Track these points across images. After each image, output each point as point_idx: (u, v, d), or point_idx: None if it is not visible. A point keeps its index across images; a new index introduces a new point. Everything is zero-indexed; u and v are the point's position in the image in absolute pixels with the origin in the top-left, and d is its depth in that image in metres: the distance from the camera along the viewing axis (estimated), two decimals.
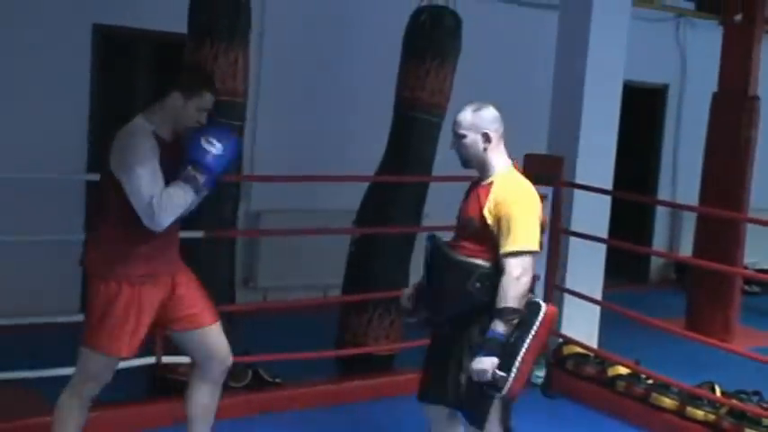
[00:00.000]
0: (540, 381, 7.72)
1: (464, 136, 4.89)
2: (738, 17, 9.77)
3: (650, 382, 7.26)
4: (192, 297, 5.01)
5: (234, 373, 6.77)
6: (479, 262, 4.68)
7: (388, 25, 7.96)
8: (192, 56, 6.46)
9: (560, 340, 7.92)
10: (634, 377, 7.31)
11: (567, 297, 7.89)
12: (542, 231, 4.76)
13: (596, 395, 7.41)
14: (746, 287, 11.37)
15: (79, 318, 7.54)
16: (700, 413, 6.85)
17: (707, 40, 11.36)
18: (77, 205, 8.41)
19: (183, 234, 6.33)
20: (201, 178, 4.57)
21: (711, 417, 6.80)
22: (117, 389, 6.51)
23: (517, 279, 4.52)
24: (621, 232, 8.41)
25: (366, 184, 7.60)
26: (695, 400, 6.95)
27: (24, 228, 7.05)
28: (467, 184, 9.05)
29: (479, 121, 4.94)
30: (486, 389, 4.56)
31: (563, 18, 8.28)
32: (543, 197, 7.65)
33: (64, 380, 6.09)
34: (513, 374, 4.45)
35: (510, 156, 5.08)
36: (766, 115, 10.23)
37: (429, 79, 7.37)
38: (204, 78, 4.88)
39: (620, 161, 8.36)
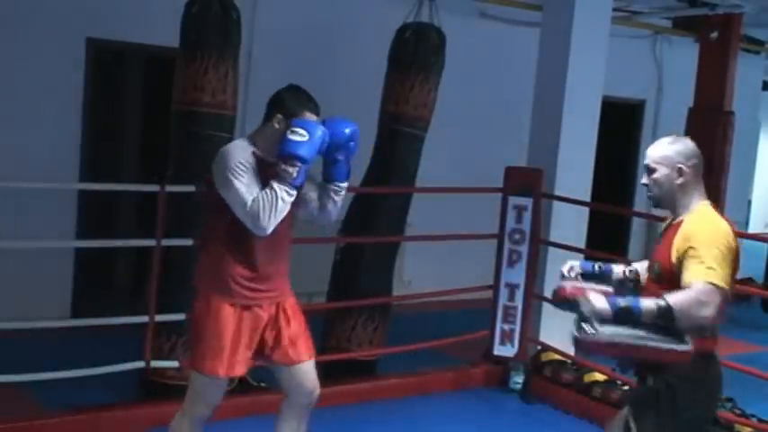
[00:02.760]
0: (518, 387, 7.75)
1: (654, 170, 4.32)
2: (714, 35, 9.84)
3: (626, 388, 7.27)
4: (294, 330, 4.88)
5: None
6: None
7: (374, 41, 8.00)
8: (183, 69, 6.47)
9: (539, 347, 7.95)
10: (610, 383, 7.32)
11: (545, 305, 7.91)
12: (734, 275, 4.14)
13: (573, 401, 7.43)
14: None
15: (69, 322, 7.57)
16: None
17: (683, 56, 11.44)
18: (70, 213, 8.42)
19: (173, 242, 6.37)
20: (293, 170, 4.44)
21: None
22: (106, 392, 6.56)
23: (699, 302, 3.88)
24: (599, 242, 8.44)
25: (351, 195, 7.62)
26: None
27: (17, 235, 7.04)
28: (449, 196, 9.13)
29: (673, 153, 4.33)
30: (567, 307, 4.12)
31: (544, 35, 8.32)
32: (523, 208, 7.79)
33: (56, 383, 6.12)
34: (598, 336, 3.89)
35: None
36: (739, 130, 10.27)
37: (413, 93, 7.40)
38: (305, 100, 4.74)
39: (597, 174, 8.40)
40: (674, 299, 3.88)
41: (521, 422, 7.21)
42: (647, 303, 3.90)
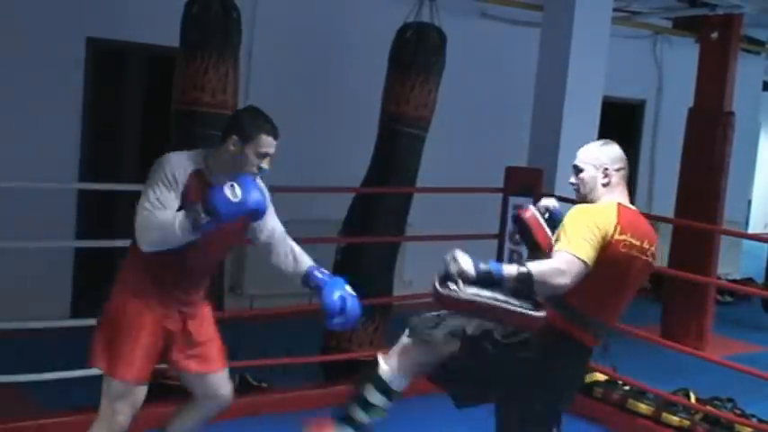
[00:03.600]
0: None
1: (582, 170, 4.54)
2: (714, 35, 9.81)
3: (627, 388, 7.27)
4: (204, 336, 4.82)
5: None
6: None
7: (375, 41, 7.99)
8: (183, 69, 6.46)
9: None
10: (611, 384, 7.31)
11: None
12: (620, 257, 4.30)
13: (574, 401, 7.40)
14: (720, 297, 11.40)
15: (69, 322, 7.55)
16: (675, 419, 6.87)
17: (683, 57, 11.42)
18: (69, 213, 8.41)
19: None
20: (204, 219, 4.21)
21: (686, 423, 6.83)
22: None
23: (558, 270, 4.07)
24: None
25: (352, 195, 7.61)
26: (671, 407, 6.97)
27: (17, 235, 7.02)
28: (450, 196, 9.11)
29: (601, 156, 4.52)
30: (436, 279, 4.18)
31: (544, 35, 8.31)
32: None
33: (55, 383, 6.10)
34: (459, 293, 4.08)
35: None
36: (740, 130, 10.25)
37: (414, 94, 7.39)
38: (263, 122, 4.51)
39: None
40: (534, 266, 4.08)
41: None
42: (509, 268, 4.10)
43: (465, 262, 4.10)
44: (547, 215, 4.69)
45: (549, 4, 8.34)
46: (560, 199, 7.67)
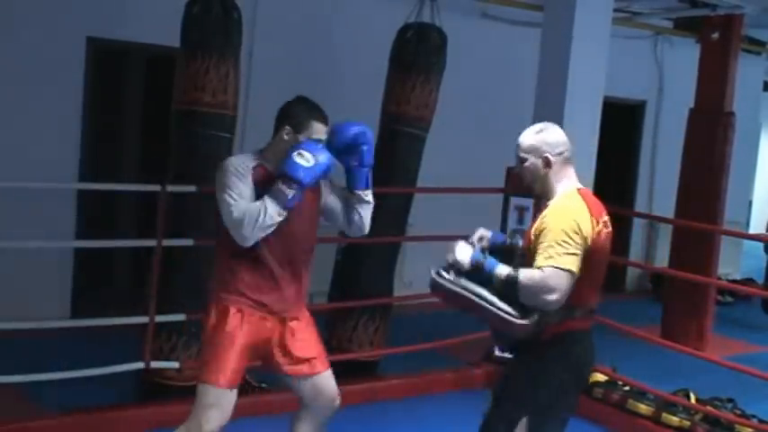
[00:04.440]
0: None
1: (524, 160, 4.43)
2: (715, 35, 9.80)
3: (627, 388, 7.27)
4: (307, 341, 4.83)
5: None
6: None
7: (376, 41, 7.98)
8: (183, 69, 6.45)
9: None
10: (611, 384, 7.31)
11: None
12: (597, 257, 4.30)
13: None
14: (720, 297, 11.39)
15: (69, 323, 7.54)
16: (675, 419, 6.87)
17: (684, 57, 11.40)
18: (69, 213, 8.40)
19: (173, 242, 6.35)
20: (289, 192, 4.39)
21: (686, 423, 6.82)
22: (106, 392, 6.53)
23: (547, 287, 4.03)
24: None
25: None
26: (670, 407, 6.96)
27: (17, 235, 7.01)
28: (451, 196, 9.10)
29: (540, 143, 4.43)
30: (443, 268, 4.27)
31: (545, 35, 8.29)
32: (525, 208, 7.77)
33: (55, 383, 6.09)
34: (450, 283, 4.19)
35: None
36: (740, 131, 10.24)
37: (414, 94, 7.40)
38: (313, 109, 4.68)
39: (598, 174, 8.35)
40: (524, 275, 4.06)
41: None
42: (501, 269, 4.12)
43: (462, 252, 4.18)
44: (484, 243, 4.52)
45: (550, 4, 8.32)
46: None
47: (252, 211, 4.36)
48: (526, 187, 4.51)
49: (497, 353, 7.91)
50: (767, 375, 6.65)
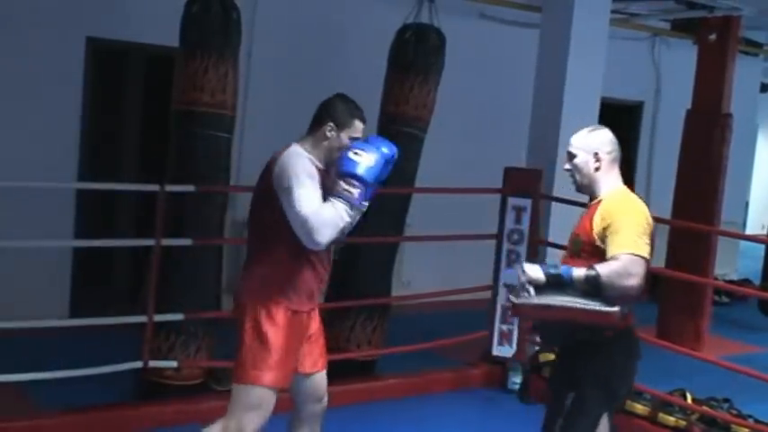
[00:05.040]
0: (517, 387, 7.72)
1: (575, 155, 4.61)
2: (712, 37, 9.79)
3: None
4: (318, 339, 4.83)
5: (218, 377, 6.77)
6: None
7: (374, 42, 7.97)
8: (182, 69, 6.44)
9: (537, 348, 7.91)
10: None
11: None
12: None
13: None
14: (717, 298, 11.39)
15: (69, 322, 7.53)
16: (671, 419, 6.86)
17: (681, 58, 11.40)
18: (68, 213, 8.39)
19: (173, 242, 6.34)
20: (355, 191, 4.40)
21: (682, 423, 6.81)
22: (104, 391, 6.52)
23: (626, 272, 4.15)
24: None
25: None
26: (667, 407, 6.96)
27: (16, 234, 7.00)
28: (448, 196, 9.09)
29: (591, 141, 4.60)
30: (507, 287, 4.43)
31: (543, 36, 8.30)
32: (522, 209, 7.76)
33: (54, 382, 6.07)
34: (532, 300, 4.25)
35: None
36: (737, 132, 10.23)
37: (413, 94, 7.38)
38: (354, 108, 4.72)
39: None
40: (602, 268, 4.19)
41: (519, 422, 7.17)
42: (578, 271, 4.22)
43: (533, 270, 4.28)
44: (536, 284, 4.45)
45: (548, 5, 8.33)
46: (558, 200, 7.71)
47: (329, 216, 4.33)
48: (578, 186, 4.67)
49: (495, 352, 7.92)
50: (763, 376, 6.64)
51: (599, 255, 4.31)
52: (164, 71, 7.54)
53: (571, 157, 4.62)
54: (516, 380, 7.76)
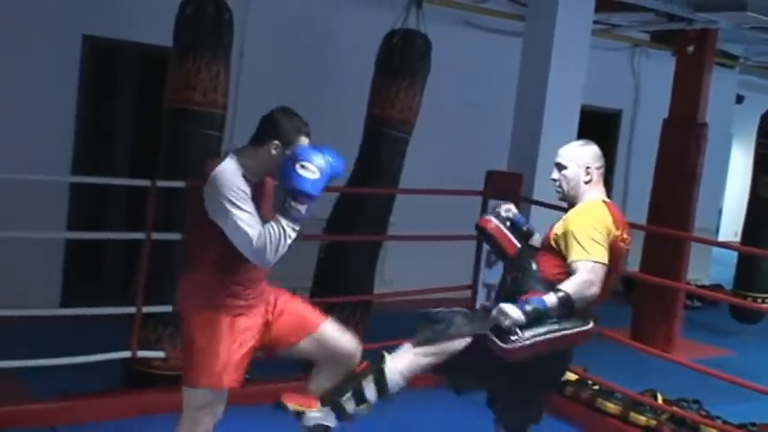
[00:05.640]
0: None
1: (565, 167, 4.69)
2: (690, 48, 9.85)
3: (596, 387, 7.31)
4: (292, 310, 4.78)
5: None
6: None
7: (362, 46, 8.00)
8: (176, 68, 6.46)
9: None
10: (581, 383, 7.35)
11: None
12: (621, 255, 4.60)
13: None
14: (689, 302, 11.44)
15: (60, 311, 7.53)
16: (642, 419, 6.91)
17: (660, 69, 11.45)
18: (61, 206, 8.39)
19: (163, 235, 6.36)
20: (302, 208, 4.28)
21: (653, 422, 6.86)
22: (93, 380, 6.54)
23: (588, 281, 4.34)
24: None
25: (336, 194, 7.62)
26: (638, 406, 7.01)
27: (10, 225, 7.01)
28: (431, 197, 9.11)
29: (583, 155, 4.69)
30: (491, 335, 4.38)
31: (526, 45, 8.34)
32: None
33: (44, 370, 6.09)
34: (523, 341, 4.30)
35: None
36: (712, 141, 10.31)
37: (399, 98, 7.42)
38: (301, 124, 4.50)
39: None
40: (567, 286, 4.32)
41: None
42: (550, 299, 4.32)
43: (513, 311, 4.32)
44: (508, 223, 4.97)
45: (532, 15, 8.37)
46: (538, 203, 7.76)
47: (272, 235, 4.23)
48: (563, 196, 4.74)
49: None
50: (732, 378, 6.69)
51: (554, 253, 4.54)
52: (157, 70, 7.56)
53: (561, 168, 4.66)
54: None
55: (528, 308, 4.31)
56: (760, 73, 14.05)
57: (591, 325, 4.39)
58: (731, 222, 17.81)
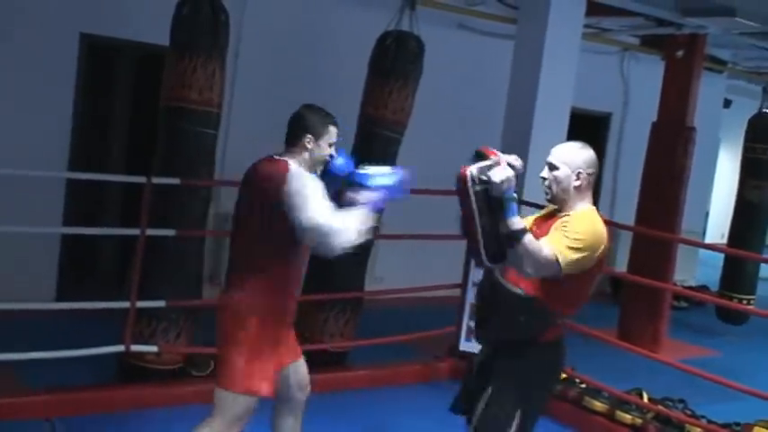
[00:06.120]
0: None
1: (557, 167, 4.46)
2: (680, 53, 9.86)
3: (583, 386, 7.32)
4: (292, 332, 4.87)
5: (197, 363, 6.79)
6: (522, 293, 4.28)
7: (356, 47, 8.00)
8: (172, 67, 6.46)
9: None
10: (569, 381, 7.36)
11: None
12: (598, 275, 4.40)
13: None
14: (675, 302, 11.46)
15: (55, 305, 7.52)
16: (628, 417, 6.92)
17: (649, 73, 11.47)
18: (58, 202, 8.38)
19: (156, 231, 6.36)
20: (376, 198, 4.65)
21: (639, 421, 6.88)
22: (88, 373, 6.54)
23: (537, 262, 4.08)
24: None
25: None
26: (624, 405, 7.02)
27: (6, 220, 7.00)
28: (422, 197, 9.12)
29: (577, 158, 4.45)
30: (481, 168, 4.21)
31: (518, 48, 8.35)
32: None
33: (39, 363, 6.09)
34: (471, 193, 4.11)
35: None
36: (700, 145, 10.32)
37: (392, 98, 7.42)
38: (325, 115, 4.75)
39: None
40: (528, 239, 4.08)
41: None
42: (516, 220, 4.12)
43: (502, 175, 4.14)
44: (517, 167, 4.41)
45: (523, 18, 8.38)
46: (527, 204, 7.76)
47: (353, 224, 4.40)
48: (551, 198, 4.52)
49: (462, 347, 7.97)
50: (717, 378, 6.71)
51: None
52: (154, 69, 7.55)
53: (552, 168, 4.47)
54: None
55: (510, 195, 4.14)
56: (748, 78, 14.06)
57: (489, 266, 4.20)
58: (717, 225, 17.87)
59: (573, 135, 8.46)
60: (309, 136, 4.62)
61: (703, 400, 7.22)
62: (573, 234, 4.20)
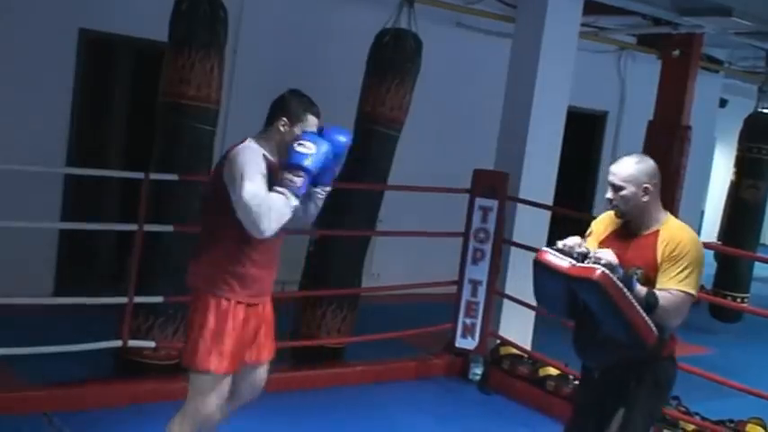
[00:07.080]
0: (477, 378, 7.77)
1: (622, 188, 4.39)
2: (676, 52, 9.87)
3: (577, 382, 7.30)
4: (268, 332, 4.80)
5: None
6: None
7: (354, 44, 7.99)
8: (170, 63, 6.45)
9: (498, 341, 7.97)
10: (563, 378, 7.35)
11: (505, 301, 7.96)
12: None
13: (528, 393, 7.45)
14: None
15: (53, 300, 7.51)
16: None
17: (646, 72, 11.47)
18: (56, 197, 8.37)
19: (153, 227, 6.36)
20: (298, 180, 4.33)
21: None
22: (85, 368, 6.53)
23: (679, 311, 4.18)
24: None
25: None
26: None
27: (4, 215, 7.00)
28: (419, 194, 9.10)
29: (640, 174, 4.42)
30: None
31: (515, 46, 8.34)
32: (489, 209, 7.80)
33: (37, 358, 6.08)
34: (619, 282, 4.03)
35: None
36: (695, 144, 10.32)
37: (389, 96, 7.41)
38: (308, 103, 4.66)
39: (560, 179, 8.42)
40: (663, 298, 4.12)
41: (478, 411, 7.23)
42: (641, 287, 4.12)
43: (609, 256, 4.12)
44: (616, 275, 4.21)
45: (521, 16, 8.37)
46: (524, 202, 7.76)
47: (273, 204, 4.27)
48: (621, 213, 4.46)
49: (458, 344, 7.96)
50: (711, 375, 6.71)
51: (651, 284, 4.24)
52: (152, 64, 7.54)
53: (617, 189, 4.40)
54: (477, 371, 7.80)
55: (626, 271, 4.13)
56: (744, 77, 14.05)
57: (656, 332, 4.13)
58: (713, 223, 17.87)
59: (569, 134, 8.51)
60: (284, 119, 4.53)
61: (697, 398, 7.20)
62: (683, 261, 4.25)
